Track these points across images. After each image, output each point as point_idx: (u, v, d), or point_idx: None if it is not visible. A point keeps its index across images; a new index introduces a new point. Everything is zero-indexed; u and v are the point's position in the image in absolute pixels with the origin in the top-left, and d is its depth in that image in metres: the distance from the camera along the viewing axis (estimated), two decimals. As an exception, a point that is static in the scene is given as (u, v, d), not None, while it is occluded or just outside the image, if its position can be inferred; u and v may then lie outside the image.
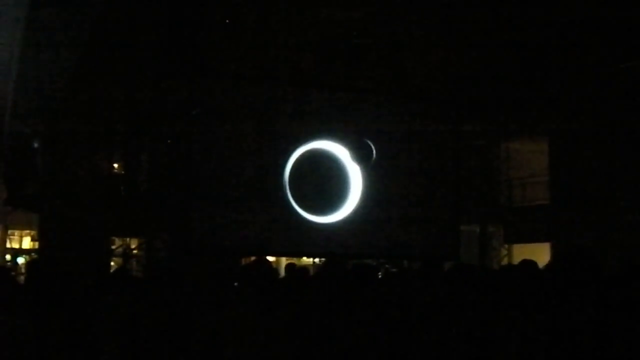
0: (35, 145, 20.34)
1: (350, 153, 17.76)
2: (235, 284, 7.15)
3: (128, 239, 19.46)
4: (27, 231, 21.82)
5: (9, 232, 23.23)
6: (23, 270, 19.94)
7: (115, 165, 19.61)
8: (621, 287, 5.18)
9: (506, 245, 21.57)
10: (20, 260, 23.34)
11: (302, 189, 17.42)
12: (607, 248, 17.13)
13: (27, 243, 22.52)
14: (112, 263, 18.77)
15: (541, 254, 17.34)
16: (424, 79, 19.36)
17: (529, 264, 6.60)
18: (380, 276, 8.05)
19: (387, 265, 18.79)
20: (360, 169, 17.80)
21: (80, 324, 6.33)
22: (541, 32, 19.26)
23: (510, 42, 19.62)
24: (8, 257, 23.21)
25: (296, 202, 17.30)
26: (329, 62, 18.97)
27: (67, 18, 15.21)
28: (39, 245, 19.70)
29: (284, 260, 18.22)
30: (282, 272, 11.57)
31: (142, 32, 17.83)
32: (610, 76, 18.04)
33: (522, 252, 19.89)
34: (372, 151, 17.90)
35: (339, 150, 17.82)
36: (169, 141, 18.69)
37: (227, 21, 18.38)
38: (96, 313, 6.59)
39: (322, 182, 17.67)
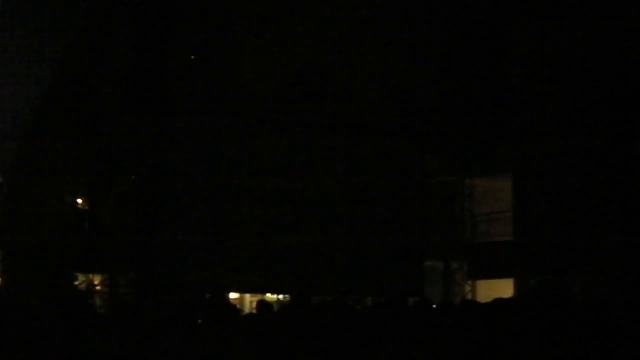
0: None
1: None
2: (199, 321, 7.14)
3: (91, 275, 19.24)
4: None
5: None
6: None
7: (80, 201, 19.45)
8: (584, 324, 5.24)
9: (470, 282, 21.59)
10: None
11: (268, 225, 17.45)
12: (571, 284, 17.24)
13: (-11, 279, 22.23)
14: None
15: (505, 290, 17.43)
16: (388, 116, 19.46)
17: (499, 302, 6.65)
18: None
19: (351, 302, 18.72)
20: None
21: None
22: (504, 69, 19.51)
23: (474, 79, 19.83)
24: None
25: (262, 237, 17.32)
26: (292, 98, 19.01)
27: (32, 54, 15.19)
28: (1, 280, 19.44)
29: (248, 297, 18.15)
30: (246, 309, 11.56)
31: (107, 69, 17.82)
32: (573, 114, 18.24)
33: (486, 288, 19.96)
34: None
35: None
36: (133, 177, 18.61)
37: (192, 57, 18.43)
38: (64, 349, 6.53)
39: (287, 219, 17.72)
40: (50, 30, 16.81)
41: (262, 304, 11.88)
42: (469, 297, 20.88)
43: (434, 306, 7.91)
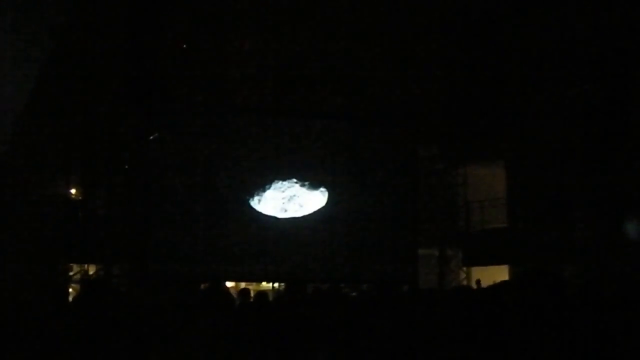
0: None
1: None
2: (195, 309, 7.13)
3: (86, 265, 19.23)
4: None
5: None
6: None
7: (73, 191, 19.44)
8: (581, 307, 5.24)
9: (465, 268, 21.65)
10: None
11: (261, 212, 17.45)
12: (563, 269, 17.31)
13: (-18, 270, 22.19)
14: (70, 290, 18.56)
15: (499, 276, 17.46)
16: (383, 104, 19.46)
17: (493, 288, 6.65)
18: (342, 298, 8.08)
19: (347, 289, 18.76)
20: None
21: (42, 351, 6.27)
22: (497, 60, 19.54)
23: (467, 69, 19.85)
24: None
25: (256, 224, 17.31)
26: (288, 89, 19.02)
27: (24, 46, 15.17)
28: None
29: (242, 286, 18.14)
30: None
31: (100, 59, 17.79)
32: (562, 102, 18.29)
33: (481, 274, 20.02)
34: None
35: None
36: (126, 167, 18.59)
37: (184, 47, 18.42)
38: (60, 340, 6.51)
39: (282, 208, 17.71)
40: (42, 18, 16.78)
41: (259, 293, 11.92)
42: (464, 284, 20.94)
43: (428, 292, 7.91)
